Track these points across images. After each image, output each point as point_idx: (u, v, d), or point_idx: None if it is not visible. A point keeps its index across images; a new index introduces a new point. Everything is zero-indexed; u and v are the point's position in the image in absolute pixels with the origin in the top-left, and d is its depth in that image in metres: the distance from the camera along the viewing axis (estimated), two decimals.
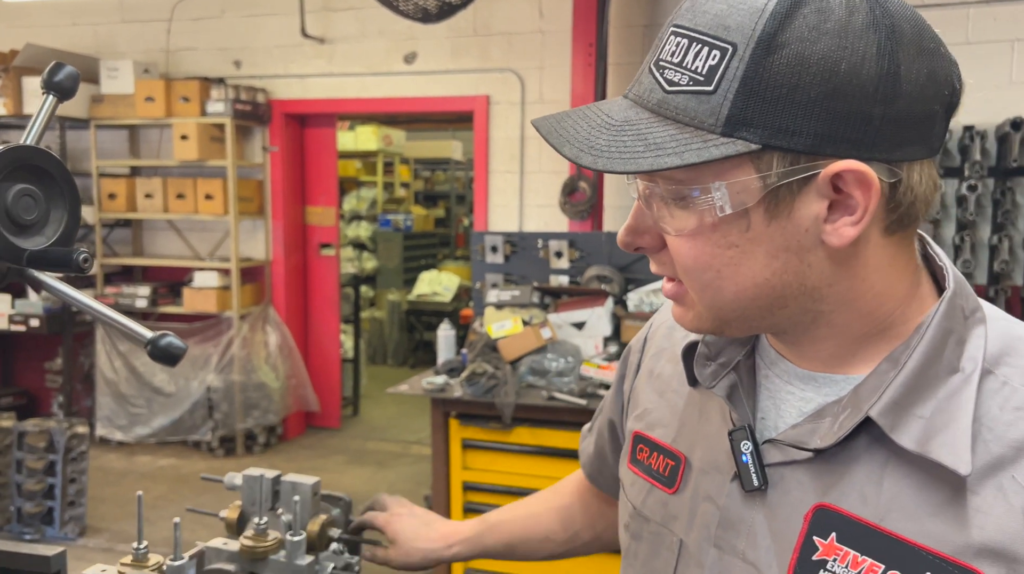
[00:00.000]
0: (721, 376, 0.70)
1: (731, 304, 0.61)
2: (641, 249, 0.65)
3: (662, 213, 0.61)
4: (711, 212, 0.58)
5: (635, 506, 0.77)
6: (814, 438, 0.62)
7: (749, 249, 0.59)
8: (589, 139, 0.59)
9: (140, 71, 4.99)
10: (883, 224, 0.59)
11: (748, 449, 0.65)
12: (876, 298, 0.62)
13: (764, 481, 0.64)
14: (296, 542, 0.96)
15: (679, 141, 0.56)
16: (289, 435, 5.43)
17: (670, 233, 0.61)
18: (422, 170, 10.14)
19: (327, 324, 5.60)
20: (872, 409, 0.59)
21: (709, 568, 0.67)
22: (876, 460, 0.60)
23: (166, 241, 5.48)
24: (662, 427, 0.77)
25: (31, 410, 5.46)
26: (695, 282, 0.62)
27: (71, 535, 3.78)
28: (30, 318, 4.87)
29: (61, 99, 0.70)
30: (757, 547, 0.64)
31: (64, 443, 3.73)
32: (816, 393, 0.65)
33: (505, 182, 4.70)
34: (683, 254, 0.61)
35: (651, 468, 0.77)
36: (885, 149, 0.56)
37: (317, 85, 5.05)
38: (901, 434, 0.58)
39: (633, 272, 3.29)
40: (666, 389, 0.79)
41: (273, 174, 5.25)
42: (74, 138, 5.24)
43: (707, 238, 0.59)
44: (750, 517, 0.65)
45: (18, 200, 0.57)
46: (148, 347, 0.66)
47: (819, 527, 0.61)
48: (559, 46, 4.43)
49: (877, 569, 0.58)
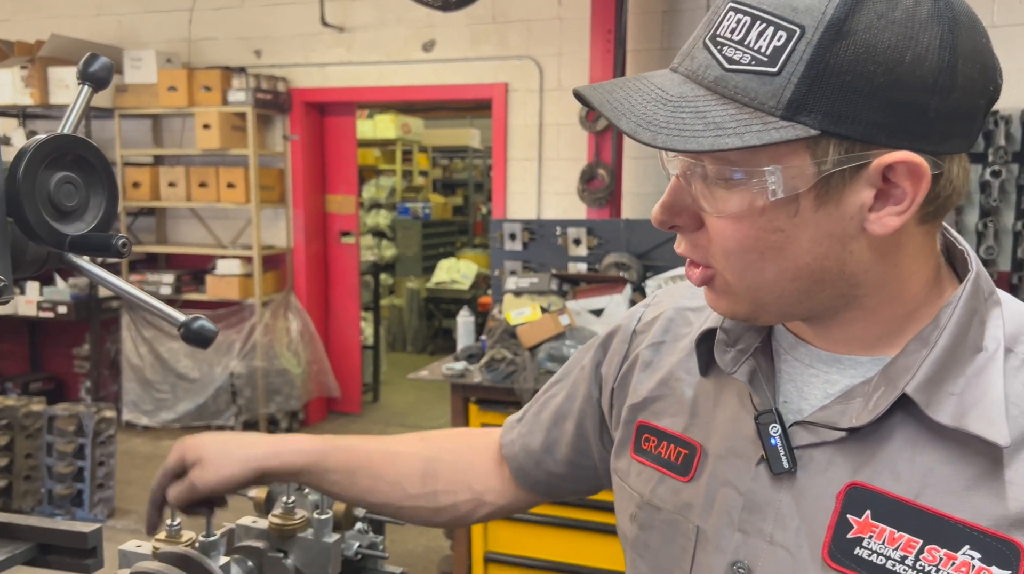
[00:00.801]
0: (741, 362, 0.70)
1: (770, 287, 0.61)
2: (676, 228, 0.64)
3: (704, 193, 0.60)
4: (762, 195, 0.58)
5: (643, 496, 0.77)
6: (845, 418, 0.63)
7: (794, 234, 0.59)
8: (646, 113, 0.58)
9: (163, 61, 5.04)
10: (920, 214, 0.60)
11: (777, 432, 0.65)
12: (906, 282, 0.63)
13: (793, 463, 0.65)
14: (323, 520, 0.99)
15: (739, 121, 0.55)
16: (311, 420, 5.50)
17: (711, 214, 0.61)
18: (440, 158, 10.16)
19: (347, 311, 5.65)
20: (908, 386, 0.60)
21: (732, 552, 0.67)
22: (907, 438, 0.61)
23: (189, 229, 5.55)
24: (670, 417, 0.77)
25: (60, 395, 5.58)
26: (736, 264, 0.61)
27: (100, 517, 3.87)
28: (58, 305, 4.96)
29: (96, 89, 0.72)
30: (786, 529, 0.64)
31: (92, 427, 3.81)
32: (841, 374, 0.66)
33: (523, 169, 4.70)
34: (726, 236, 0.60)
35: (660, 457, 0.76)
36: (935, 142, 0.56)
37: (336, 74, 5.07)
38: (937, 410, 0.59)
39: (652, 259, 3.29)
40: (669, 379, 0.79)
41: (294, 163, 5.29)
42: (99, 127, 5.31)
43: (753, 221, 0.59)
44: (777, 500, 0.65)
45: (60, 187, 0.60)
46: (181, 330, 0.69)
47: (853, 505, 0.62)
48: (578, 33, 4.41)
49: (915, 544, 0.59)
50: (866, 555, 0.60)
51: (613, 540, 2.57)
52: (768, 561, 0.65)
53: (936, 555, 0.58)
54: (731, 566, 0.67)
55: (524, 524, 2.80)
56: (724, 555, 0.68)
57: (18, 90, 4.88)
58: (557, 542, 2.74)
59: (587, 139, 4.19)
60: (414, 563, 3.48)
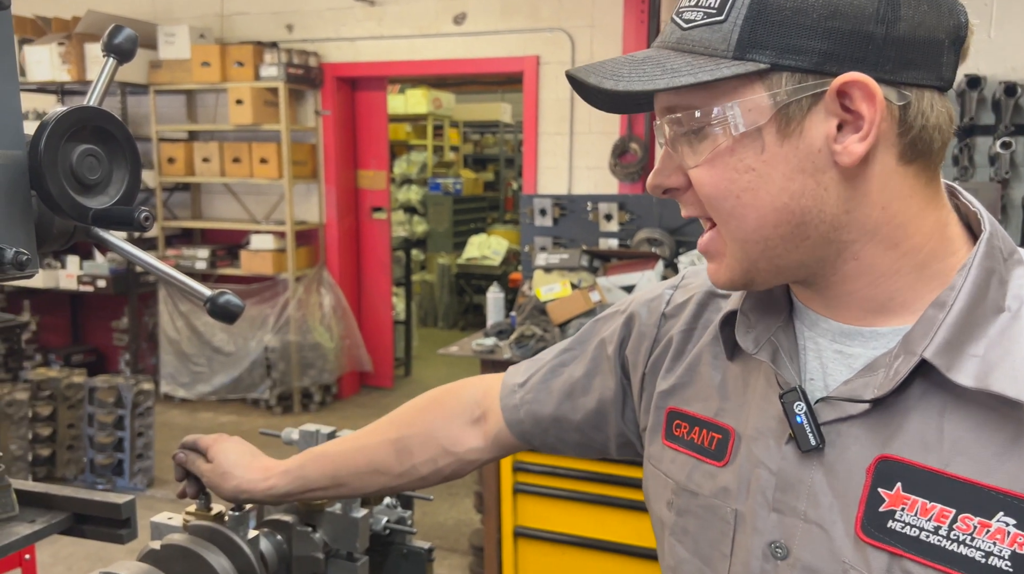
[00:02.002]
0: (762, 342, 0.70)
1: (754, 234, 0.63)
2: (670, 191, 0.68)
3: (684, 151, 0.64)
4: (726, 134, 0.61)
5: (679, 482, 0.77)
6: (868, 390, 0.62)
7: (765, 172, 0.61)
8: (612, 69, 0.63)
9: (196, 36, 5.07)
10: (896, 150, 0.61)
11: (802, 409, 0.65)
12: (899, 229, 0.62)
13: (821, 440, 0.64)
14: None
15: (693, 66, 0.60)
16: (344, 394, 5.57)
17: (691, 166, 0.64)
18: (471, 133, 10.12)
19: (379, 287, 5.68)
20: (927, 351, 0.59)
21: (769, 533, 0.67)
22: (933, 407, 0.60)
23: (223, 204, 5.61)
24: (700, 402, 0.77)
25: (100, 367, 5.72)
26: (719, 213, 0.64)
27: (140, 486, 3.97)
28: (97, 279, 5.07)
29: (121, 61, 0.71)
30: (819, 506, 0.64)
31: (131, 399, 3.91)
32: (863, 347, 0.65)
33: (555, 144, 4.65)
34: (704, 183, 0.63)
35: (694, 442, 0.76)
36: (890, 70, 0.58)
37: (368, 48, 5.05)
38: (958, 373, 0.58)
39: (684, 235, 3.24)
40: (698, 364, 0.79)
41: (326, 138, 5.30)
42: (134, 103, 5.37)
43: (725, 163, 0.62)
44: (808, 477, 0.65)
45: (82, 160, 0.59)
46: (207, 304, 0.68)
47: (883, 478, 0.61)
48: (610, 3, 4.32)
49: (948, 514, 0.58)
50: (899, 528, 0.60)
51: (641, 516, 2.56)
52: (804, 539, 0.65)
53: (970, 524, 0.57)
54: (769, 546, 0.67)
55: (553, 499, 2.81)
56: (761, 536, 0.68)
57: (56, 66, 4.94)
58: (586, 517, 2.74)
59: None
60: (445, 536, 3.52)
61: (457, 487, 4.01)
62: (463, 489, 3.97)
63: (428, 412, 1.01)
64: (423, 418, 1.00)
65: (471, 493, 3.72)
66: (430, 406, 1.02)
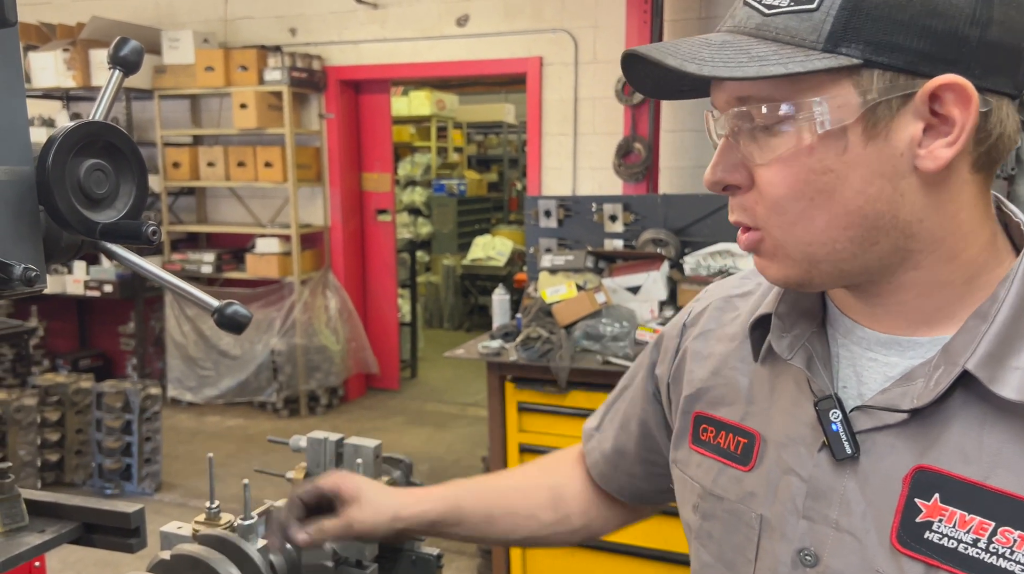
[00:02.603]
0: (797, 348, 0.69)
1: (821, 237, 0.60)
2: (729, 189, 0.63)
3: (751, 147, 0.61)
4: (810, 131, 0.58)
5: (705, 486, 0.77)
6: (907, 399, 0.61)
7: (844, 173, 0.58)
8: (692, 52, 0.59)
9: (200, 41, 5.08)
10: (972, 158, 0.59)
11: (837, 417, 0.64)
12: (963, 240, 0.61)
13: (856, 448, 0.64)
14: None
15: (781, 55, 0.56)
16: (351, 396, 5.57)
17: (760, 163, 0.60)
18: (475, 134, 10.12)
19: (384, 289, 5.69)
20: (969, 362, 0.59)
21: (798, 540, 0.67)
22: (973, 418, 0.59)
23: (229, 208, 5.63)
24: (726, 406, 0.77)
25: (107, 371, 5.74)
26: (786, 215, 0.60)
27: (148, 490, 3.98)
28: (104, 284, 5.09)
29: (127, 73, 0.71)
30: (851, 514, 0.64)
31: (139, 403, 3.92)
32: (901, 357, 0.64)
33: (558, 145, 4.65)
34: (775, 183, 0.60)
35: (720, 447, 0.76)
36: (979, 74, 0.56)
37: (371, 51, 5.06)
38: (1002, 386, 0.58)
39: (690, 235, 3.23)
40: (722, 367, 0.78)
41: (330, 141, 5.31)
42: (139, 108, 5.39)
43: (802, 163, 0.59)
44: (841, 486, 0.64)
45: (90, 175, 0.59)
46: (215, 315, 0.68)
47: (920, 489, 0.60)
48: (613, 4, 4.32)
49: (987, 526, 0.57)
50: (936, 539, 0.59)
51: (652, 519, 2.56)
52: (835, 547, 0.64)
53: (1010, 537, 0.56)
54: (798, 553, 0.67)
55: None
56: (790, 543, 0.67)
57: (61, 73, 4.96)
58: None
59: (623, 112, 4.12)
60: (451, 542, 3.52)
61: None
62: None
63: (580, 461, 1.01)
64: (575, 467, 1.00)
65: None
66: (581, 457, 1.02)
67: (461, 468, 4.27)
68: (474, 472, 4.24)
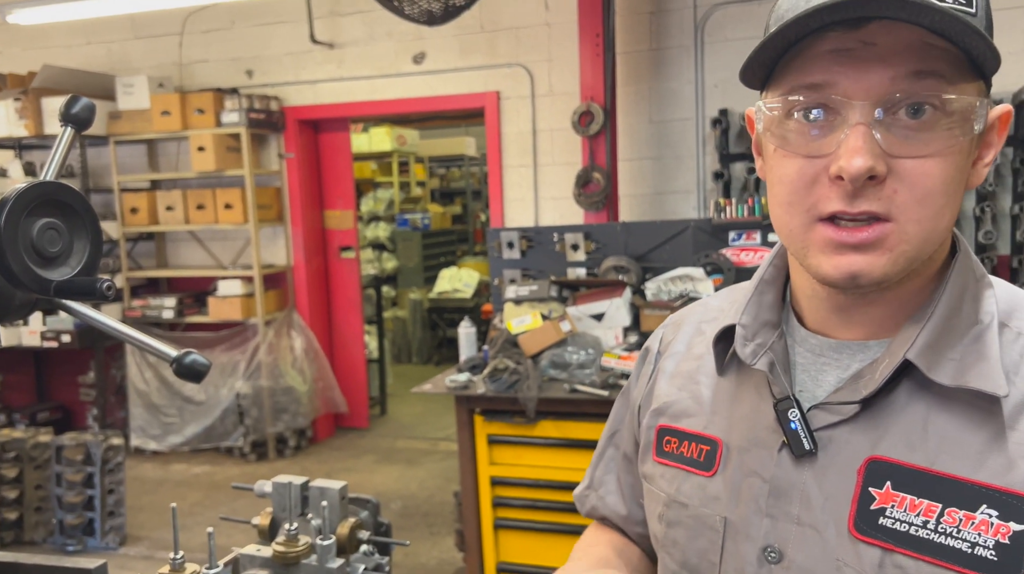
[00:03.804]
0: (760, 354, 0.73)
1: (939, 235, 0.63)
2: (874, 178, 0.60)
3: (898, 138, 0.60)
4: (967, 130, 0.60)
5: (669, 495, 0.79)
6: (856, 393, 0.66)
7: (962, 178, 0.63)
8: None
9: (155, 86, 5.06)
10: None
11: (796, 416, 0.68)
12: (943, 249, 0.68)
13: (814, 444, 0.67)
14: (326, 546, 0.99)
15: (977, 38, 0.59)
16: (319, 437, 5.50)
17: (919, 155, 0.60)
18: (437, 167, 10.18)
19: (351, 326, 5.65)
20: (909, 352, 0.63)
21: (763, 538, 0.69)
22: (918, 410, 0.64)
23: (189, 252, 5.57)
24: (688, 417, 0.80)
25: (67, 424, 5.58)
26: (929, 208, 0.60)
27: (112, 545, 3.87)
28: (61, 334, 4.97)
29: (79, 130, 0.72)
30: (812, 508, 0.67)
31: (101, 455, 3.82)
32: (852, 359, 0.69)
33: (519, 176, 4.71)
34: (931, 175, 0.60)
35: (684, 456, 0.79)
36: None
37: (329, 90, 5.09)
38: (939, 373, 0.63)
39: (650, 261, 3.29)
40: (687, 383, 0.82)
41: (290, 180, 5.30)
42: (94, 155, 5.33)
43: (955, 160, 0.61)
44: (801, 482, 0.68)
45: (43, 234, 0.60)
46: (173, 365, 0.69)
47: (873, 478, 0.64)
48: (566, 38, 4.42)
49: (935, 508, 0.61)
50: (890, 524, 0.63)
51: None
52: (798, 542, 0.67)
53: (956, 517, 0.61)
54: (763, 551, 0.69)
55: (536, 533, 2.80)
56: (755, 542, 0.70)
57: (12, 122, 4.90)
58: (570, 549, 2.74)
59: (581, 143, 4.20)
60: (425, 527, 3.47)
61: (438, 526, 3.97)
62: (444, 528, 3.93)
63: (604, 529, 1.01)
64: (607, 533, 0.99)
65: (452, 532, 3.68)
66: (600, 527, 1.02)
67: (434, 505, 4.23)
68: (448, 508, 4.20)
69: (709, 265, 3.16)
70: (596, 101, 4.02)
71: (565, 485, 2.70)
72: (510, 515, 2.83)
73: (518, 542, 2.83)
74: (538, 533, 2.80)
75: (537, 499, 2.78)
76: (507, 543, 2.85)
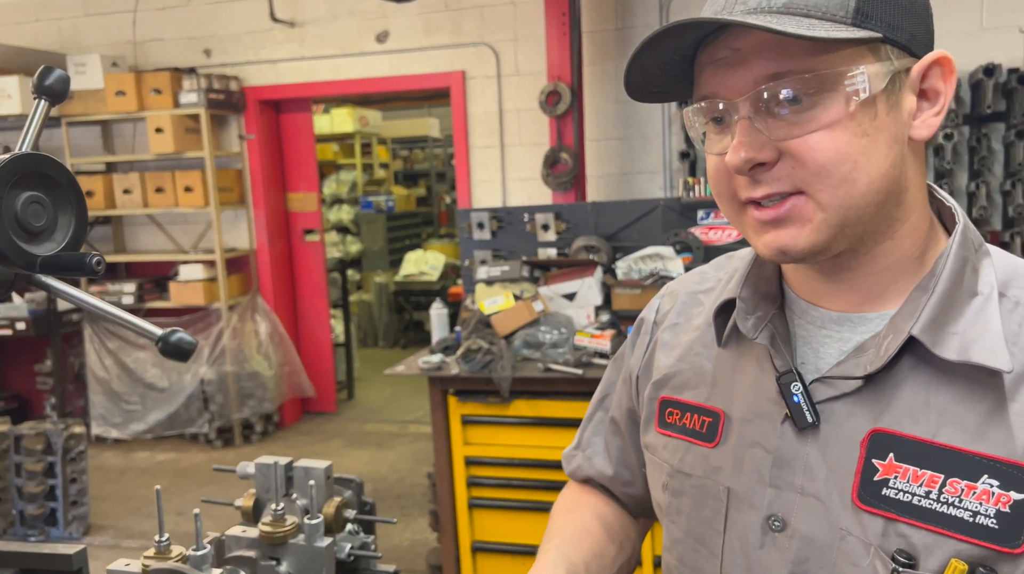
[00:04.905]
0: (761, 327, 0.74)
1: (859, 200, 0.64)
2: (758, 167, 0.64)
3: (779, 122, 0.63)
4: (851, 98, 0.62)
5: (672, 465, 0.80)
6: (859, 368, 0.67)
7: (876, 138, 0.63)
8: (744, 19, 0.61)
9: (108, 65, 4.91)
10: None
11: (798, 389, 0.69)
12: (924, 214, 0.69)
13: (817, 417, 0.68)
14: (314, 525, 0.98)
15: (817, 27, 0.60)
16: (286, 422, 5.44)
17: (801, 134, 0.63)
18: (400, 149, 10.07)
19: (316, 310, 5.59)
20: (914, 328, 0.65)
21: (766, 508, 0.71)
22: (920, 383, 0.65)
23: (148, 236, 5.44)
24: (690, 389, 0.81)
25: (24, 413, 5.44)
26: (831, 178, 0.63)
27: (76, 535, 3.79)
28: (16, 321, 4.82)
29: (52, 103, 0.70)
30: (815, 479, 0.68)
31: (61, 444, 3.73)
32: (853, 332, 0.70)
33: (486, 157, 4.68)
34: (823, 147, 0.62)
35: (686, 427, 0.80)
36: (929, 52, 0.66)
37: (290, 70, 4.99)
38: (943, 348, 0.64)
39: (620, 240, 3.31)
40: (687, 354, 0.83)
41: (251, 162, 5.20)
42: (46, 137, 5.14)
43: (845, 127, 0.62)
44: (804, 453, 0.69)
45: (27, 207, 0.58)
46: (159, 344, 0.67)
47: (876, 450, 0.66)
48: (532, 17, 4.39)
49: (937, 479, 0.63)
50: (893, 494, 0.64)
51: None
52: (802, 511, 0.69)
53: (957, 487, 0.62)
54: (766, 520, 0.71)
55: (510, 511, 2.82)
56: (758, 512, 0.71)
57: None
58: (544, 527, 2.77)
59: (548, 124, 4.19)
60: (401, 558, 3.48)
61: (410, 508, 3.97)
62: (416, 509, 3.94)
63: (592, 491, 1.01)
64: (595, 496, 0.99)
65: (425, 512, 3.69)
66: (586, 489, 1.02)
67: (405, 486, 4.23)
68: (420, 490, 4.21)
69: (678, 244, 3.19)
70: (563, 81, 4.01)
71: (539, 463, 2.72)
72: (484, 494, 2.84)
73: (493, 521, 2.85)
74: (513, 511, 2.82)
75: (511, 478, 2.80)
76: (481, 522, 2.87)
